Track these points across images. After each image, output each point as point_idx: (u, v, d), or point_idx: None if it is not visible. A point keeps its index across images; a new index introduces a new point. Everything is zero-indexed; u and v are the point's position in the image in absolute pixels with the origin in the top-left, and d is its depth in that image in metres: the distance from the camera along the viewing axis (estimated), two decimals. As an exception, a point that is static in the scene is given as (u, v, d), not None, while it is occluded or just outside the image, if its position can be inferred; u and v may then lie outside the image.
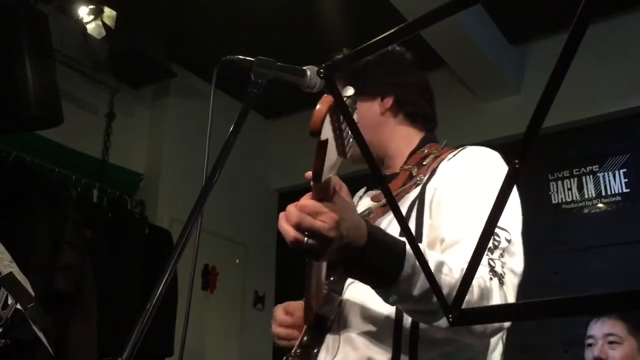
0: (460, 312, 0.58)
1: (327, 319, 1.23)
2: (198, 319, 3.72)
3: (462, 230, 1.12)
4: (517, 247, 1.15)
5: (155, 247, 3.45)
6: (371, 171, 0.68)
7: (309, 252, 0.92)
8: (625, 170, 3.44)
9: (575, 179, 3.58)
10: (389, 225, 1.24)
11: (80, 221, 3.00)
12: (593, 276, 3.30)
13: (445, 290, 0.97)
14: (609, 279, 3.21)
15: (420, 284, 0.97)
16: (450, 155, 1.29)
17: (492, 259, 1.07)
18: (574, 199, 3.55)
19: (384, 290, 1.00)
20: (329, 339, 1.22)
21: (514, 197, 1.21)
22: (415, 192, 1.26)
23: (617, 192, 3.44)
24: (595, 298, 0.49)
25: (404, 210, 1.24)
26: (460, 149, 1.31)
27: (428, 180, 1.26)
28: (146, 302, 0.83)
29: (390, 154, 1.42)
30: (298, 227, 0.90)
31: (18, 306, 1.67)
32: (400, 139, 1.41)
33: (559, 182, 3.62)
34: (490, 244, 1.08)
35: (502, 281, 1.06)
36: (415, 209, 1.23)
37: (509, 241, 1.11)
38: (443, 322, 1.00)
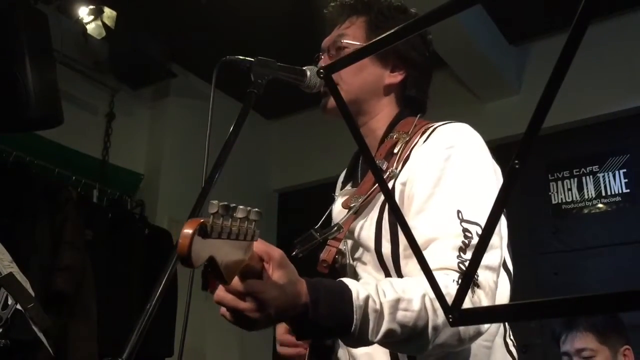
0: (461, 312, 0.58)
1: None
2: (198, 319, 3.71)
3: (431, 230, 1.07)
4: (493, 238, 1.05)
5: (155, 247, 3.45)
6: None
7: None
8: (625, 170, 3.44)
9: (575, 179, 3.58)
10: (361, 230, 1.21)
11: (80, 221, 3.00)
12: (593, 276, 3.30)
13: (409, 326, 0.95)
14: (609, 279, 3.21)
15: (375, 328, 0.94)
16: (422, 141, 1.21)
17: (463, 262, 1.02)
18: (574, 199, 3.55)
19: (340, 340, 0.99)
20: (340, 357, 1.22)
21: (483, 183, 1.13)
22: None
23: (617, 192, 3.44)
24: (595, 298, 0.49)
25: (375, 213, 1.20)
26: (430, 130, 1.22)
27: (399, 173, 1.19)
28: (146, 302, 0.83)
29: (366, 126, 1.33)
30: (222, 305, 0.88)
31: (18, 306, 1.67)
32: (382, 118, 1.32)
33: (559, 182, 3.62)
34: (460, 243, 1.03)
35: (476, 283, 1.00)
36: (388, 210, 1.18)
37: (480, 235, 1.03)
38: (413, 351, 1.01)
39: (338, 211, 1.32)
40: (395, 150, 1.24)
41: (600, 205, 3.48)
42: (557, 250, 3.48)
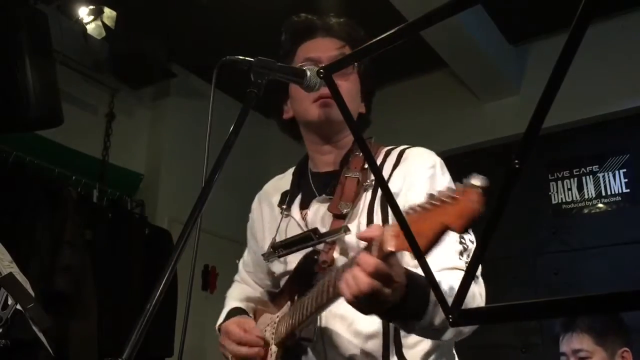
0: (461, 312, 0.58)
1: (307, 341, 1.24)
2: (198, 319, 3.70)
3: None
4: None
5: (155, 247, 3.45)
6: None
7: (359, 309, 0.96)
8: (625, 170, 3.44)
9: (575, 179, 3.58)
10: (355, 232, 1.27)
11: (80, 221, 3.00)
12: (593, 276, 3.30)
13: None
14: (609, 279, 3.21)
15: (440, 316, 1.02)
16: (391, 160, 1.35)
17: (467, 263, 1.17)
18: (574, 199, 3.55)
19: (406, 326, 1.06)
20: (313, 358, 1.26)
21: None
22: (367, 197, 1.29)
23: (617, 192, 3.44)
24: (595, 298, 0.49)
25: (363, 218, 1.27)
26: (398, 152, 1.36)
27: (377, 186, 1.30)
28: (146, 302, 0.83)
29: (339, 143, 1.43)
30: (362, 290, 0.91)
31: (18, 306, 1.67)
32: (349, 140, 1.43)
33: (559, 182, 3.62)
34: (460, 248, 1.19)
35: (476, 281, 1.18)
36: (379, 214, 1.26)
37: (472, 242, 1.21)
38: (446, 336, 1.09)
39: (321, 216, 1.35)
40: (367, 166, 1.36)
41: (600, 205, 3.48)
42: (557, 250, 3.48)
